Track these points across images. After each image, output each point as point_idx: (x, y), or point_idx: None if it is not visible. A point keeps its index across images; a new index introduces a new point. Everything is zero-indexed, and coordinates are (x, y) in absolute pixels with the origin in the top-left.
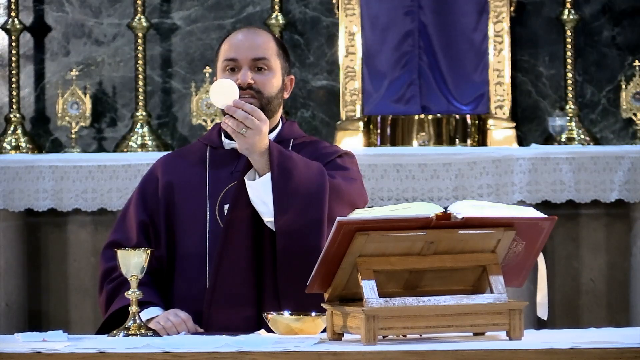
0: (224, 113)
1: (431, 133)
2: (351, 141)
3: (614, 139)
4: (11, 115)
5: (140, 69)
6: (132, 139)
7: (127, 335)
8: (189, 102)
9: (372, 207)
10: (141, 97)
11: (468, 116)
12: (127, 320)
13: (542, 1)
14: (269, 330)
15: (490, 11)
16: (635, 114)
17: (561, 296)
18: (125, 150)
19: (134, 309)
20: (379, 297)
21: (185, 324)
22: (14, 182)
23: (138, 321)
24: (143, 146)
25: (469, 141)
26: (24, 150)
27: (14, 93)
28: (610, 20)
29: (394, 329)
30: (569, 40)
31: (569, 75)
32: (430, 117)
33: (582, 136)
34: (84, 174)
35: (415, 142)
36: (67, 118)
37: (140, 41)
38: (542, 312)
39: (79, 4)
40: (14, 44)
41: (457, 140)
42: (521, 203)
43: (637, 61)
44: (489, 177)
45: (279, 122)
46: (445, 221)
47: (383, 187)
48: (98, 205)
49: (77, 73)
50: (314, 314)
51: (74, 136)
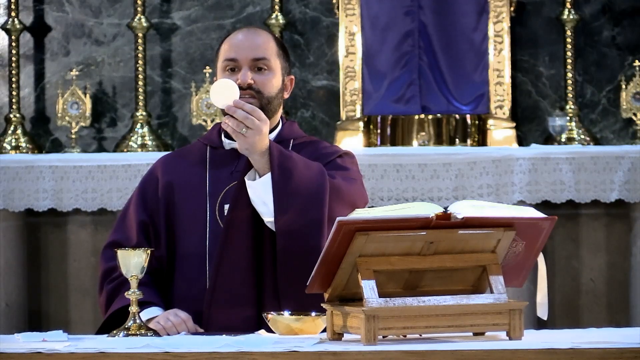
0: (224, 113)
1: (431, 133)
2: (351, 141)
3: (614, 139)
4: (11, 115)
5: (140, 69)
6: (132, 139)
7: (127, 335)
8: (189, 102)
9: (372, 207)
10: (141, 97)
11: (468, 116)
12: (127, 320)
13: (542, 1)
14: (269, 330)
15: (490, 11)
16: (635, 114)
17: (561, 296)
18: (125, 150)
19: (134, 309)
20: (379, 297)
21: (185, 324)
22: (14, 182)
23: (138, 321)
24: (143, 146)
25: (469, 141)
26: (24, 150)
27: (14, 93)
28: (610, 20)
29: (394, 329)
30: (569, 40)
31: (569, 75)
32: (430, 117)
33: (582, 136)
34: (84, 174)
35: (415, 142)
36: (67, 118)
37: (140, 41)
38: (542, 312)
39: (79, 4)
40: (14, 44)
41: (457, 140)
42: (521, 203)
43: (637, 61)
44: (489, 177)
45: (279, 122)
46: (445, 221)
47: (383, 187)
48: (98, 205)
49: (77, 73)
50: (314, 314)
51: (74, 136)
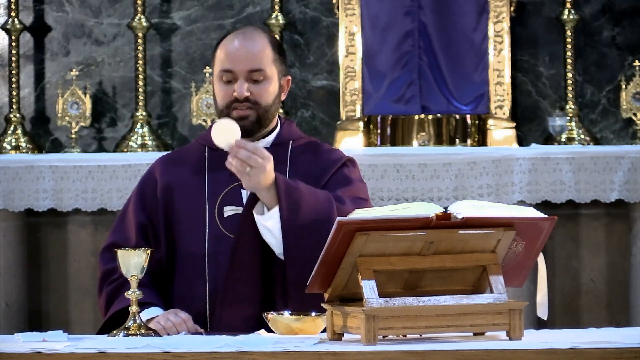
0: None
1: (431, 133)
2: (351, 141)
3: (614, 139)
4: (11, 115)
5: (140, 69)
6: (132, 139)
7: (127, 335)
8: (189, 102)
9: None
10: (141, 97)
11: (468, 116)
12: (127, 320)
13: (542, 1)
14: (269, 330)
15: (490, 11)
16: (635, 114)
17: (561, 296)
18: (125, 150)
19: (134, 308)
20: (379, 297)
21: (185, 323)
22: (14, 182)
23: (138, 321)
24: (143, 146)
25: (469, 141)
26: (24, 150)
27: (14, 93)
28: (610, 20)
29: (394, 329)
30: (569, 40)
31: (569, 75)
32: (430, 117)
33: (582, 136)
34: (84, 174)
35: (415, 142)
36: (67, 118)
37: (140, 41)
38: (542, 312)
39: (79, 4)
40: (14, 44)
41: (457, 140)
42: (521, 203)
43: (637, 61)
44: (489, 177)
45: (277, 124)
46: (445, 221)
47: (383, 187)
48: (98, 205)
49: (77, 73)
50: (314, 314)
51: (74, 136)
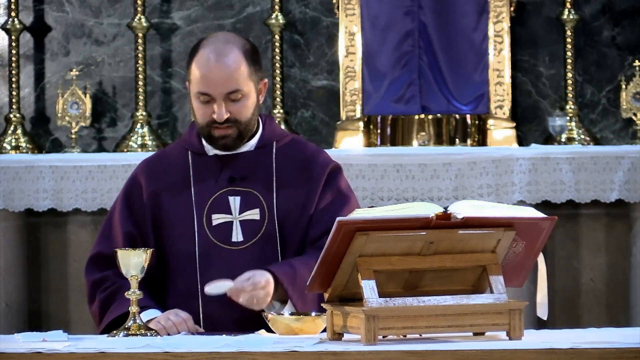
0: None
1: (431, 133)
2: (351, 141)
3: (614, 139)
4: (11, 115)
5: (140, 69)
6: (132, 139)
7: (127, 335)
8: (189, 102)
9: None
10: (141, 97)
11: (468, 116)
12: (127, 320)
13: (542, 1)
14: (269, 330)
15: (490, 11)
16: (635, 114)
17: (561, 296)
18: (125, 150)
19: (134, 308)
20: (379, 297)
21: (186, 323)
22: (14, 182)
23: (138, 321)
24: (143, 146)
25: (469, 141)
26: (24, 150)
27: (14, 93)
28: (610, 20)
29: (394, 329)
30: (569, 40)
31: (569, 75)
32: (430, 117)
33: (582, 136)
34: (84, 174)
35: (415, 142)
36: (67, 118)
37: (140, 41)
38: (542, 312)
39: (79, 4)
40: (14, 44)
41: (457, 140)
42: (521, 203)
43: (637, 61)
44: (489, 177)
45: (258, 125)
46: (445, 221)
47: (383, 187)
48: (98, 205)
49: (77, 73)
50: (314, 314)
51: (74, 136)
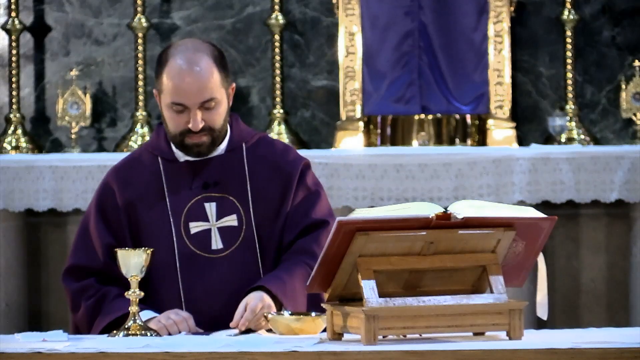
0: None
1: (431, 133)
2: (351, 141)
3: (614, 139)
4: (11, 115)
5: (140, 69)
6: (132, 139)
7: (127, 335)
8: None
9: (372, 207)
10: (141, 97)
11: (468, 116)
12: (127, 320)
13: (542, 1)
14: (269, 330)
15: (490, 11)
16: (635, 114)
17: (561, 296)
18: (125, 150)
19: (133, 308)
20: (379, 297)
21: (187, 322)
22: (14, 182)
23: (138, 321)
24: None
25: (469, 141)
26: (24, 150)
27: (14, 93)
28: (610, 20)
29: (394, 329)
30: (569, 40)
31: (569, 75)
32: (430, 117)
33: (582, 136)
34: (84, 174)
35: (415, 142)
36: (67, 118)
37: (140, 41)
38: (542, 312)
39: (79, 4)
40: (14, 44)
41: (457, 140)
42: (521, 203)
43: (637, 61)
44: (489, 177)
45: (227, 130)
46: (445, 221)
47: (383, 187)
48: None
49: (77, 73)
50: (314, 314)
51: (74, 136)
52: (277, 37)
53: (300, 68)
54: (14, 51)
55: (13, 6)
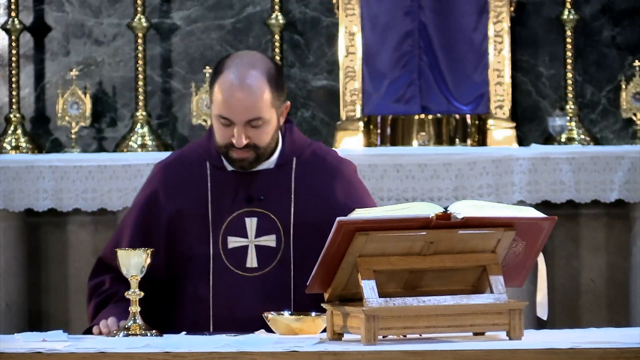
0: None
1: (431, 133)
2: (351, 141)
3: (614, 139)
4: (11, 115)
5: (140, 69)
6: (132, 139)
7: (127, 335)
8: (189, 102)
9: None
10: (141, 97)
11: (468, 116)
12: (127, 320)
13: (542, 1)
14: (269, 330)
15: (490, 11)
16: (635, 114)
17: (561, 296)
18: (125, 150)
19: (133, 309)
20: (379, 297)
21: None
22: (14, 182)
23: (138, 321)
24: (143, 146)
25: (469, 141)
26: (24, 150)
27: (14, 93)
28: (610, 20)
29: (394, 329)
30: (569, 40)
31: (569, 75)
32: (430, 117)
33: (582, 136)
34: (84, 174)
35: (415, 142)
36: (67, 118)
37: (140, 41)
38: (542, 312)
39: (79, 4)
40: (14, 44)
41: (457, 140)
42: (521, 203)
43: (637, 61)
44: (489, 177)
45: (278, 141)
46: (445, 221)
47: (383, 187)
48: (98, 205)
49: (77, 73)
50: (314, 314)
51: (74, 136)
52: (277, 37)
53: (300, 68)
54: (14, 51)
55: (13, 6)
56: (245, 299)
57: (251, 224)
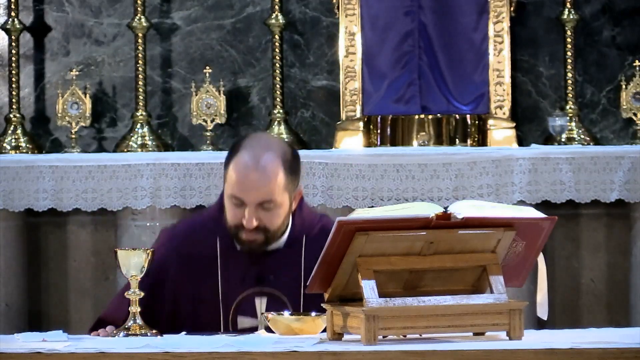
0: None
1: (431, 133)
2: (351, 141)
3: (614, 139)
4: (11, 115)
5: (140, 69)
6: (132, 139)
7: (127, 335)
8: (189, 102)
9: (372, 207)
10: (141, 97)
11: (468, 116)
12: (127, 320)
13: (542, 1)
14: (269, 330)
15: (490, 11)
16: (635, 114)
17: (561, 296)
18: (125, 150)
19: (134, 309)
20: (379, 297)
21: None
22: (14, 182)
23: (138, 321)
24: (143, 146)
25: (469, 141)
26: (24, 150)
27: (14, 93)
28: (610, 20)
29: (394, 329)
30: (569, 40)
31: (569, 75)
32: (430, 117)
33: (582, 136)
34: (84, 174)
35: (415, 142)
36: (67, 118)
37: (140, 41)
38: (542, 312)
39: (79, 4)
40: (14, 44)
41: (457, 140)
42: (521, 203)
43: (637, 61)
44: (489, 177)
45: (289, 222)
46: (445, 221)
47: (383, 187)
48: (98, 205)
49: (77, 73)
50: (314, 314)
51: (74, 136)
52: (277, 37)
53: (300, 68)
54: (14, 51)
55: (13, 6)
56: None
57: (261, 304)
